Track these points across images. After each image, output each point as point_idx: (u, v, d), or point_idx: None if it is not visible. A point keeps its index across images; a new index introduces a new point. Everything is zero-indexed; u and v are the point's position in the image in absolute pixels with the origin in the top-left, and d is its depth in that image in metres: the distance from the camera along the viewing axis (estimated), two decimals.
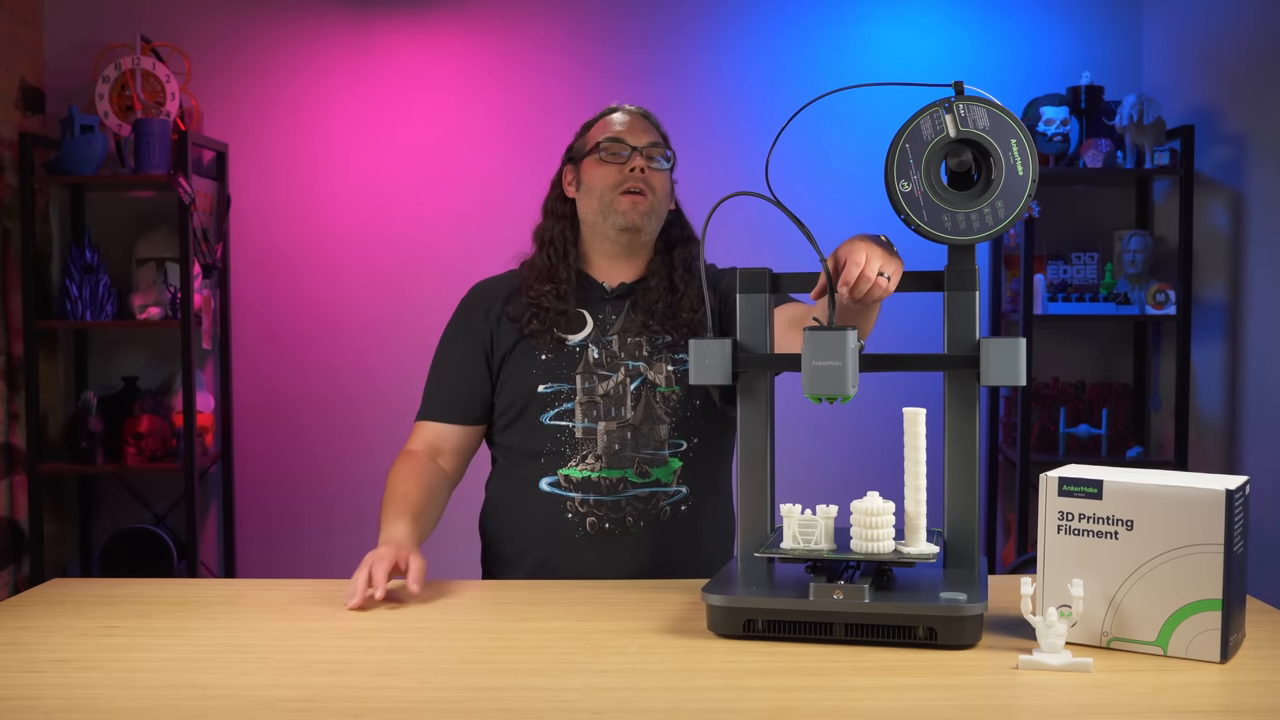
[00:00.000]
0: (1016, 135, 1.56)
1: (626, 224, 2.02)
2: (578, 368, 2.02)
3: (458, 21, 4.00)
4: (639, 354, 2.03)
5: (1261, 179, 3.38)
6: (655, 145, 2.06)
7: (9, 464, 3.71)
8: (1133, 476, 1.49)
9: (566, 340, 2.03)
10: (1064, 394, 3.90)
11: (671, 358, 2.04)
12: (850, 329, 1.55)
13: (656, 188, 2.04)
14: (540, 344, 2.02)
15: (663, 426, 2.01)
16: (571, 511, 1.98)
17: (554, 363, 2.02)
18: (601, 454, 1.99)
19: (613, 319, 2.05)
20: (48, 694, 1.38)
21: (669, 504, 2.00)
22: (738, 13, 3.99)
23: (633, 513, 1.98)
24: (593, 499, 1.98)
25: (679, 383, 2.02)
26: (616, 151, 2.03)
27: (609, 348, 2.03)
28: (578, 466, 1.99)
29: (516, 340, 2.04)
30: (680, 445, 2.02)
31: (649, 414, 2.01)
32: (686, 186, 2.17)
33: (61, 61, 3.94)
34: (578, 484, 1.99)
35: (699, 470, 2.03)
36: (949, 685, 1.37)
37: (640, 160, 2.02)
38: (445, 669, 1.48)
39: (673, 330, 2.04)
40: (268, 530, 4.03)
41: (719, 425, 2.07)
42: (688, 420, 2.02)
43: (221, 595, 1.86)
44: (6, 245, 3.71)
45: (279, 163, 4.00)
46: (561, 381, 2.01)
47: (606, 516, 1.98)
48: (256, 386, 4.03)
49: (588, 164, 2.06)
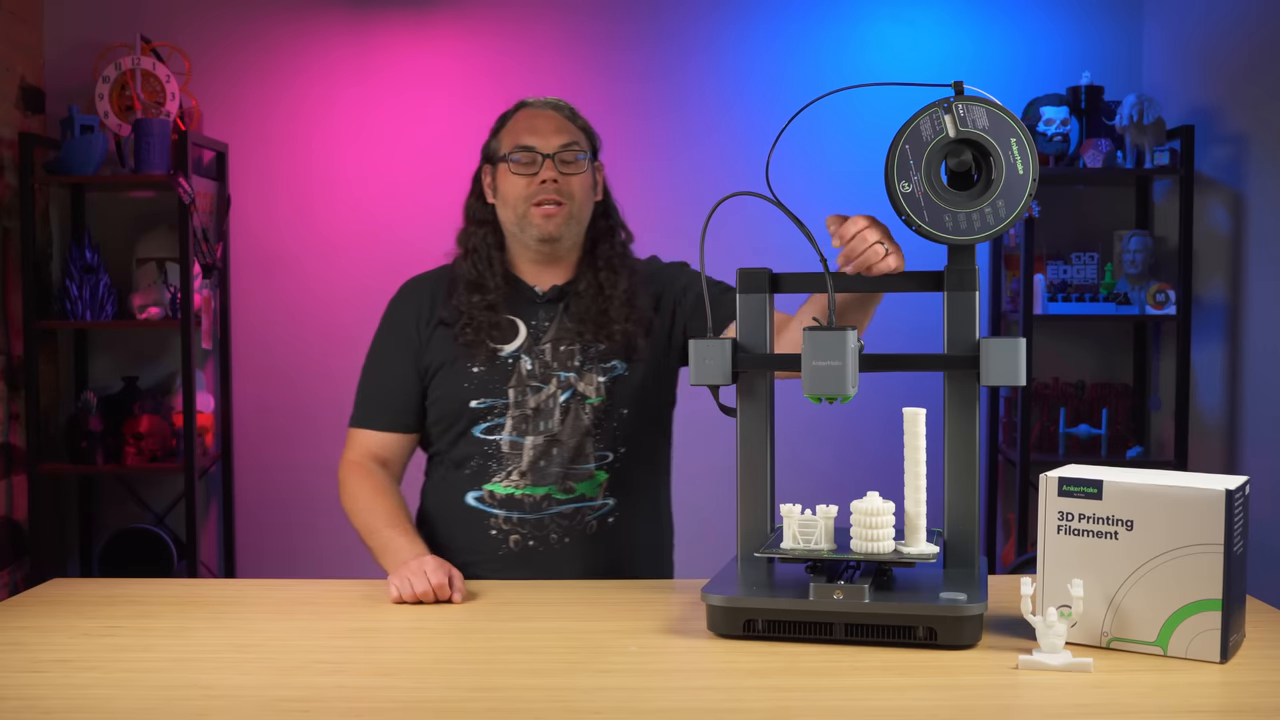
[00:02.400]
0: (1016, 135, 1.56)
1: (542, 236, 1.96)
2: (510, 381, 1.96)
3: (457, 22, 4.00)
4: (570, 364, 1.98)
5: (1261, 179, 3.38)
6: (569, 146, 1.97)
7: (9, 464, 3.71)
8: (1133, 476, 1.49)
9: (500, 352, 1.97)
10: (1064, 394, 3.90)
11: (601, 367, 1.98)
12: (850, 329, 1.55)
13: (574, 193, 1.97)
14: (473, 356, 1.96)
15: (589, 440, 1.96)
16: (496, 529, 1.96)
17: (486, 376, 1.97)
18: (526, 470, 1.95)
19: (545, 325, 1.99)
20: (48, 694, 1.39)
21: (595, 518, 1.97)
22: (738, 13, 3.99)
23: (556, 530, 1.95)
24: (516, 516, 1.95)
25: (608, 392, 1.97)
26: (527, 161, 1.95)
27: (542, 358, 1.97)
28: (502, 482, 1.95)
29: (449, 349, 1.98)
30: (607, 457, 1.98)
31: (575, 427, 1.96)
32: (687, 186, 2.17)
33: (61, 61, 3.93)
34: (501, 501, 1.95)
35: (626, 481, 2.00)
36: (949, 685, 1.37)
37: (552, 170, 1.94)
38: (445, 669, 1.48)
39: (605, 338, 1.98)
40: (268, 530, 4.03)
41: (649, 434, 2.04)
42: (614, 431, 1.98)
43: (221, 595, 1.86)
44: (6, 245, 3.71)
45: (279, 163, 4.00)
46: (495, 396, 1.96)
47: (530, 534, 1.95)
48: (256, 386, 4.03)
49: (501, 171, 1.99)
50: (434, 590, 1.75)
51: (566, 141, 1.98)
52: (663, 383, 2.06)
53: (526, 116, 2.02)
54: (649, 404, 2.04)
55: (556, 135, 1.98)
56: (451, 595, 1.76)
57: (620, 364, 1.99)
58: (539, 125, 1.99)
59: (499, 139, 2.02)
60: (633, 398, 1.99)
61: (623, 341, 1.98)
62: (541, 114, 2.02)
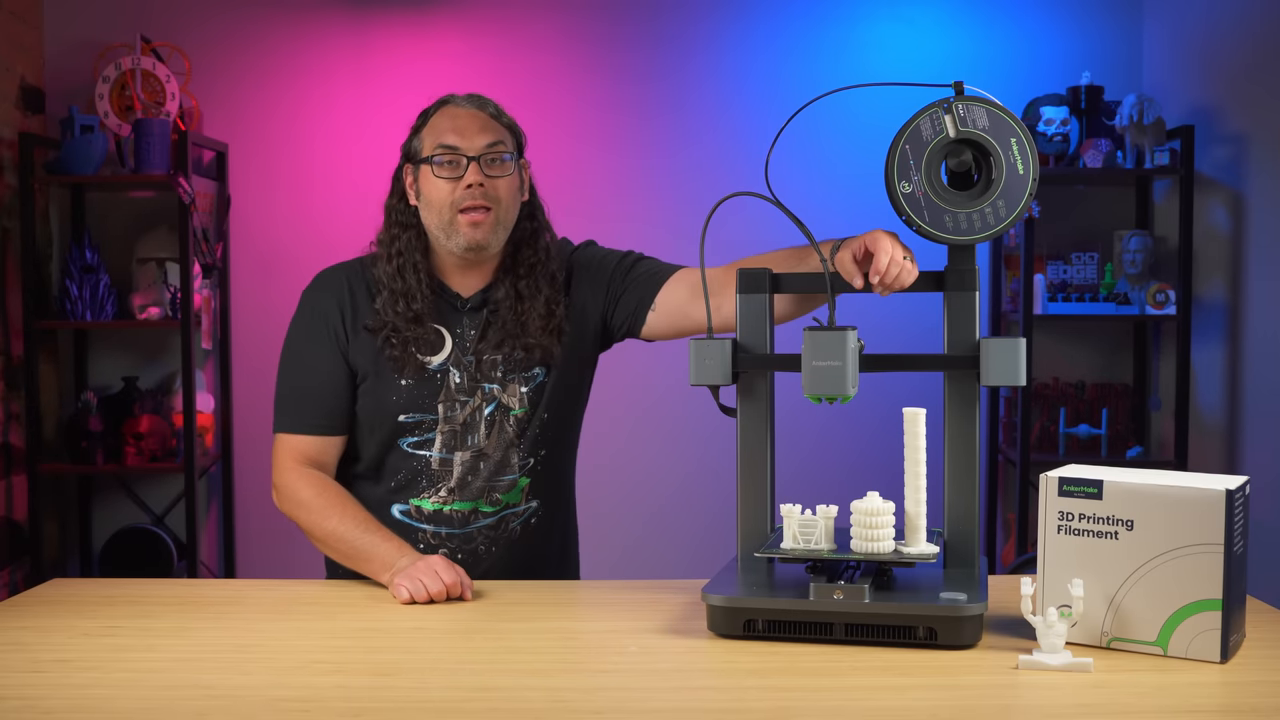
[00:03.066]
0: (1016, 135, 1.56)
1: (469, 244, 1.87)
2: (439, 395, 1.91)
3: (457, 23, 4.00)
4: (494, 375, 1.92)
5: (1261, 179, 3.38)
6: (494, 145, 1.89)
7: (9, 464, 3.71)
8: (1133, 476, 1.49)
9: (428, 364, 1.90)
10: (1064, 394, 3.90)
11: (523, 376, 1.93)
12: (851, 328, 1.55)
13: (501, 196, 1.88)
14: (401, 369, 1.89)
15: (514, 451, 1.93)
16: (423, 543, 1.92)
17: (415, 390, 1.90)
18: (455, 486, 1.92)
19: (471, 334, 1.93)
20: (48, 694, 1.38)
21: (519, 523, 1.96)
22: (737, 13, 3.99)
23: (484, 540, 1.94)
24: (444, 531, 1.93)
25: (529, 403, 1.94)
26: (451, 162, 1.87)
27: (469, 369, 1.91)
28: (430, 498, 1.92)
29: (375, 357, 1.90)
30: (529, 463, 1.95)
31: (500, 440, 1.92)
32: (687, 186, 2.16)
33: (61, 61, 3.94)
34: (429, 516, 1.93)
35: (545, 481, 1.98)
36: (949, 685, 1.37)
37: (477, 174, 1.86)
38: (445, 669, 1.48)
39: (523, 348, 1.92)
40: (268, 530, 4.03)
41: (568, 431, 2.02)
42: (537, 437, 1.95)
43: (221, 595, 1.86)
44: (6, 245, 3.71)
45: (279, 163, 4.00)
46: (423, 411, 1.91)
47: (459, 548, 1.93)
48: (256, 386, 4.03)
49: (425, 174, 1.90)
50: (447, 589, 1.74)
51: (491, 141, 1.89)
52: (584, 375, 2.03)
53: (449, 115, 1.92)
54: (569, 402, 2.00)
55: (481, 135, 1.89)
56: (464, 593, 1.75)
57: (540, 371, 1.95)
58: (463, 124, 1.89)
59: (420, 138, 1.93)
60: (553, 401, 1.96)
61: (540, 352, 1.93)
62: (465, 112, 1.92)
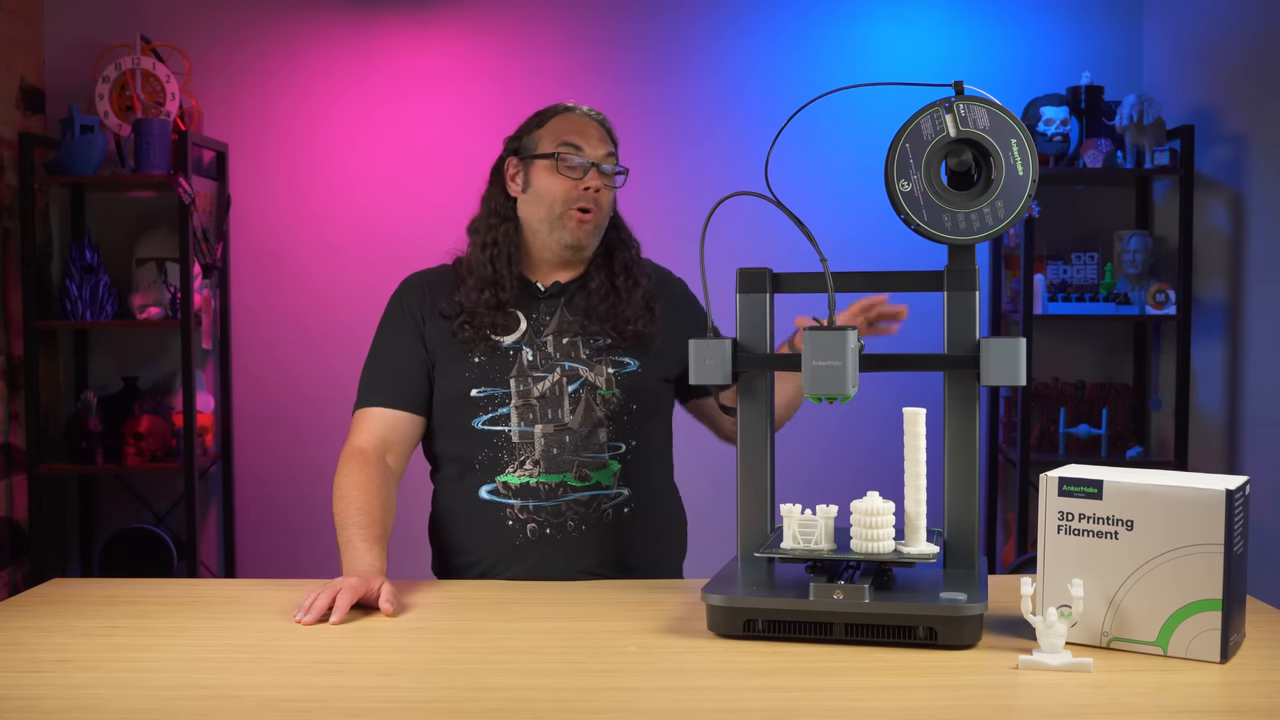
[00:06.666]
0: (1016, 135, 1.56)
1: (573, 242, 1.98)
2: (511, 371, 1.97)
3: (457, 22, 4.00)
4: (575, 355, 1.99)
5: (1261, 179, 3.38)
6: (610, 156, 2.01)
7: (9, 464, 3.71)
8: (1133, 476, 1.49)
9: (500, 343, 1.98)
10: (1064, 394, 3.90)
11: (611, 360, 2.00)
12: (851, 329, 1.55)
13: (605, 204, 2.00)
14: (472, 346, 1.97)
15: (602, 430, 1.97)
16: (512, 519, 1.95)
17: (487, 366, 1.97)
18: (540, 458, 1.95)
19: (546, 319, 2.01)
20: (48, 694, 1.38)
21: (610, 506, 1.97)
22: (737, 13, 3.99)
23: (574, 517, 1.95)
24: (532, 505, 1.95)
25: (619, 385, 1.99)
26: (574, 164, 1.97)
27: (543, 349, 1.99)
28: (515, 473, 1.95)
29: (448, 340, 1.99)
30: (619, 448, 1.99)
31: (588, 416, 1.97)
32: (687, 186, 2.17)
33: (61, 61, 3.94)
34: (516, 490, 1.95)
35: (638, 472, 2.01)
36: (949, 685, 1.37)
37: (596, 178, 1.97)
38: (445, 669, 1.48)
39: (614, 334, 2.00)
40: (268, 530, 4.03)
41: (658, 431, 2.07)
42: (626, 424, 1.99)
43: (221, 595, 1.86)
44: (6, 245, 3.71)
45: (279, 163, 4.00)
46: (495, 385, 1.97)
47: (547, 522, 1.95)
48: (256, 386, 4.03)
49: (539, 169, 1.99)
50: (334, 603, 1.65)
51: (609, 151, 2.01)
52: (668, 387, 2.10)
53: (572, 119, 2.02)
54: (659, 403, 2.07)
55: (601, 144, 2.00)
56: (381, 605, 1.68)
57: (633, 361, 2.01)
58: (586, 130, 2.00)
59: (538, 135, 2.02)
60: (643, 395, 2.01)
61: (635, 340, 2.00)
62: (587, 120, 2.02)
